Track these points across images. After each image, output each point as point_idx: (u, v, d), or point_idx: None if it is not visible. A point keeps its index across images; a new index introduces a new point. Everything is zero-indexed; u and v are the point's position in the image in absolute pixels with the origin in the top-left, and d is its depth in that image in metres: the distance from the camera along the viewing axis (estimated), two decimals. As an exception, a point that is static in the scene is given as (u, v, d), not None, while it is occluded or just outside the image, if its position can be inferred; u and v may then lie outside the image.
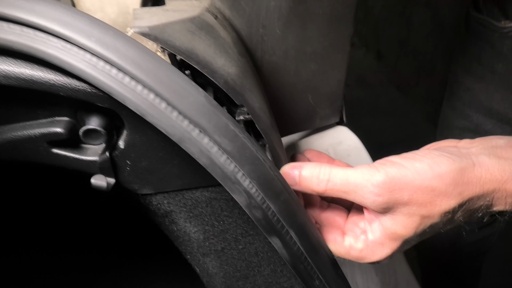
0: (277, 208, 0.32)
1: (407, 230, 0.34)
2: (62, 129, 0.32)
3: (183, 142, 0.27)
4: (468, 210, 0.34)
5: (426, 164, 0.33)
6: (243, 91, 0.36)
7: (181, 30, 0.32)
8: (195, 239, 0.41)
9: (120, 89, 0.26)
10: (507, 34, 0.65)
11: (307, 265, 0.37)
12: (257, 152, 0.29)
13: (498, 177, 0.33)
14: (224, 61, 0.35)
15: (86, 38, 0.25)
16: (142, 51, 0.26)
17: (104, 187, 0.34)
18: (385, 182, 0.32)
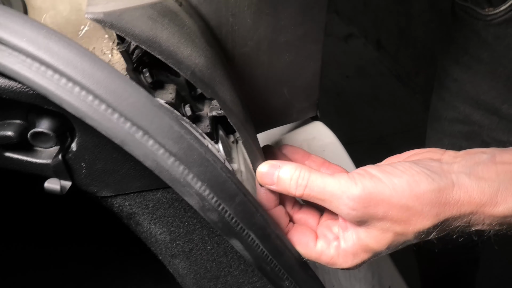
0: (233, 210, 0.31)
1: (380, 245, 0.34)
2: (13, 132, 0.31)
3: (126, 144, 0.26)
4: (443, 230, 0.34)
5: (405, 181, 0.32)
6: (213, 83, 0.34)
7: (141, 16, 0.30)
8: (162, 241, 0.40)
9: (57, 91, 0.25)
10: (491, 21, 0.63)
11: (274, 266, 0.36)
12: (206, 153, 0.28)
13: (477, 200, 0.32)
14: (190, 51, 0.33)
15: (18, 38, 0.24)
16: (79, 51, 0.25)
17: (57, 190, 0.33)
18: (361, 197, 0.32)
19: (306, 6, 0.43)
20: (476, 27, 0.65)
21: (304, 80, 0.49)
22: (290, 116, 0.52)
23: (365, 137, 2.08)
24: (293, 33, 0.44)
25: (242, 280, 0.44)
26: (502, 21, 0.61)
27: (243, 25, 0.41)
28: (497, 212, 0.32)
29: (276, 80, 0.48)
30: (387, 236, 0.33)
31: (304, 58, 0.47)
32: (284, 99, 0.50)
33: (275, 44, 0.45)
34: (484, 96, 0.70)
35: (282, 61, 0.46)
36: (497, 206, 0.31)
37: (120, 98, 0.25)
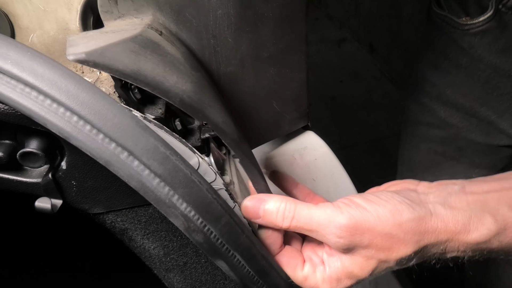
0: (219, 231, 0.31)
1: (363, 272, 0.35)
2: (2, 152, 0.31)
3: (111, 165, 0.26)
4: (422, 257, 0.35)
5: (388, 210, 0.34)
6: (203, 107, 0.34)
7: (123, 51, 0.30)
8: (156, 255, 0.40)
9: (41, 112, 0.25)
10: (468, 31, 0.64)
11: (261, 286, 0.36)
12: (191, 174, 0.28)
13: (452, 228, 0.34)
14: (176, 78, 0.33)
15: (2, 60, 0.24)
16: (63, 72, 0.25)
17: (48, 209, 0.33)
18: (348, 225, 0.33)
19: (285, 20, 0.43)
20: (454, 35, 0.66)
21: (291, 91, 0.49)
22: (283, 128, 0.51)
23: (361, 140, 2.09)
24: (275, 47, 0.44)
25: (237, 292, 0.44)
26: (478, 31, 0.63)
27: (225, 45, 0.41)
28: (470, 239, 0.34)
29: (264, 95, 0.48)
30: (371, 263, 0.35)
31: (289, 69, 0.47)
32: (274, 112, 0.50)
33: (259, 60, 0.45)
34: (463, 99, 0.71)
35: (268, 75, 0.46)
36: (470, 233, 0.34)
37: (105, 119, 0.26)
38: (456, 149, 0.77)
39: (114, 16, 0.32)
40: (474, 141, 0.74)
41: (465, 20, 0.63)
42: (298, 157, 0.49)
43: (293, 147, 0.50)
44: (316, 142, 0.50)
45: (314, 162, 0.50)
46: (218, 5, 0.38)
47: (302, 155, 0.49)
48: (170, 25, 0.36)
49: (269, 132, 0.51)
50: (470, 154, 0.77)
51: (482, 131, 0.72)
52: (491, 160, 0.77)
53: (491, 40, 0.63)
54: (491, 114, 0.69)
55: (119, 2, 0.33)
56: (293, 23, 0.43)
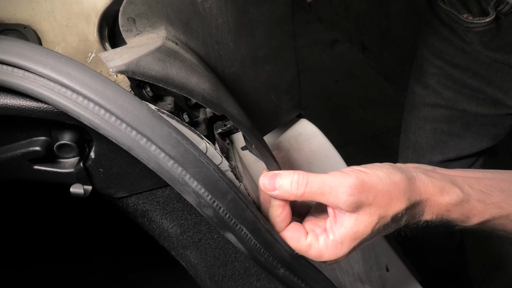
0: (226, 206, 0.35)
1: (367, 229, 0.40)
2: (40, 147, 0.37)
3: (132, 150, 0.31)
4: (410, 215, 0.41)
5: (384, 173, 0.40)
6: (220, 102, 0.39)
7: (153, 60, 0.35)
8: (174, 234, 0.46)
9: (75, 107, 0.30)
10: (472, 28, 0.70)
11: (268, 257, 0.40)
12: (200, 156, 0.34)
13: (431, 190, 0.40)
14: (197, 79, 0.38)
15: (42, 67, 0.30)
16: (92, 74, 0.31)
17: (82, 194, 0.38)
18: (356, 184, 0.38)
19: (275, 22, 0.49)
20: (458, 29, 0.73)
21: (286, 83, 0.55)
22: (281, 118, 0.57)
23: (359, 137, 2.13)
24: (269, 46, 0.50)
25: (248, 264, 0.49)
26: (479, 31, 0.70)
27: (227, 49, 0.47)
28: (443, 200, 0.40)
29: (263, 89, 0.53)
30: (374, 220, 0.40)
31: (282, 65, 0.53)
32: (273, 104, 0.55)
33: (256, 59, 0.50)
34: (470, 80, 0.76)
35: (265, 71, 0.52)
36: (443, 196, 0.40)
37: (127, 111, 0.31)
38: (462, 126, 0.83)
39: (133, 34, 0.38)
40: (482, 113, 0.80)
41: (467, 16, 0.70)
42: (294, 143, 0.54)
43: (289, 134, 0.55)
44: (309, 128, 0.55)
45: (309, 146, 0.55)
46: (219, 14, 0.44)
47: (298, 140, 0.54)
48: (180, 36, 0.42)
49: (270, 123, 0.56)
50: (476, 128, 0.82)
51: (489, 104, 0.78)
52: (496, 131, 0.83)
53: (489, 39, 0.70)
54: (497, 92, 0.75)
55: (137, 21, 0.38)
56: (282, 24, 0.49)
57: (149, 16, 0.39)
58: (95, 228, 0.74)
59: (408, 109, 0.90)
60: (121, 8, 0.37)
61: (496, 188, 0.42)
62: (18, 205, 0.65)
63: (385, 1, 2.19)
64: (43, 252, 0.73)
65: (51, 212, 0.69)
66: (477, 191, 0.41)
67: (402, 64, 2.21)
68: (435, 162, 0.89)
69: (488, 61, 0.73)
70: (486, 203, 0.41)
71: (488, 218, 0.42)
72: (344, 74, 2.54)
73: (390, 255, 0.66)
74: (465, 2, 0.70)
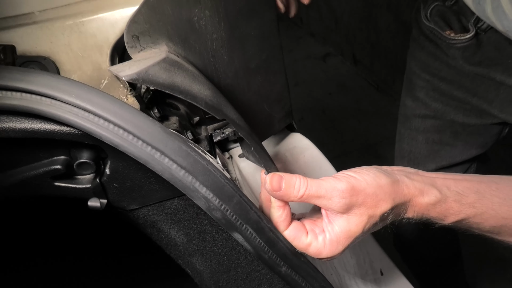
0: (232, 208, 0.40)
1: (358, 228, 0.45)
2: (60, 165, 0.41)
3: (149, 163, 0.36)
4: (395, 214, 0.46)
5: (371, 177, 0.45)
6: (221, 107, 0.44)
7: (160, 70, 0.40)
8: (181, 243, 0.50)
9: (97, 129, 0.35)
10: (454, 44, 0.75)
11: (271, 255, 0.45)
12: (207, 165, 0.38)
13: (412, 192, 0.45)
14: (199, 87, 0.43)
15: (68, 95, 0.35)
16: (111, 99, 0.36)
17: (98, 207, 0.42)
18: (347, 188, 0.43)
19: (263, 35, 0.54)
20: (441, 45, 0.78)
21: (276, 93, 0.59)
22: (274, 127, 0.61)
23: (354, 148, 2.18)
24: (259, 58, 0.55)
25: (249, 269, 0.53)
26: (461, 47, 0.75)
27: (222, 62, 0.51)
28: (423, 201, 0.45)
29: (256, 99, 0.58)
30: (363, 219, 0.44)
31: (272, 75, 0.57)
32: (266, 113, 0.59)
33: (248, 71, 0.55)
34: (456, 92, 0.81)
35: (257, 82, 0.56)
36: (423, 197, 0.45)
37: (142, 130, 0.36)
38: (451, 135, 0.88)
39: (137, 50, 0.43)
40: (468, 123, 0.85)
41: (449, 33, 0.75)
42: (289, 156, 0.59)
43: (284, 147, 0.60)
44: (303, 141, 0.60)
45: (303, 159, 0.59)
46: (213, 30, 0.49)
47: (292, 153, 0.59)
48: (180, 51, 0.47)
49: (265, 132, 0.61)
50: (464, 137, 0.87)
51: (476, 115, 0.83)
52: (484, 139, 0.88)
53: (470, 54, 0.75)
54: (482, 103, 0.79)
55: (140, 39, 0.43)
56: (270, 38, 0.54)
57: (151, 33, 0.44)
58: (106, 237, 0.77)
59: (401, 121, 0.95)
60: (126, 27, 0.42)
61: (472, 189, 0.47)
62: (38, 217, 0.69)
63: (373, 15, 2.27)
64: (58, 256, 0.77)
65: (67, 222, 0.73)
66: (454, 192, 0.46)
67: (393, 75, 2.27)
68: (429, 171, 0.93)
69: (472, 74, 0.78)
70: (461, 203, 0.46)
71: (464, 217, 0.46)
72: (337, 86, 2.60)
73: (384, 260, 0.70)
74: (447, 19, 0.76)
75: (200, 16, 0.47)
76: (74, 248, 0.79)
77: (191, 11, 0.46)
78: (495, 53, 0.72)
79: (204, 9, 0.46)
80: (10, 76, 0.35)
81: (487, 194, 0.47)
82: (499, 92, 0.76)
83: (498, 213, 0.47)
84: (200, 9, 0.46)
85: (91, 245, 0.79)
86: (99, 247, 0.80)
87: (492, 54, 0.73)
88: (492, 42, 0.71)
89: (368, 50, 2.44)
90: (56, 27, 0.44)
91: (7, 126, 0.36)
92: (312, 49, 2.93)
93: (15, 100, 0.35)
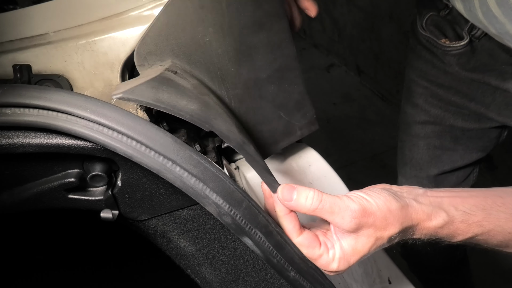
0: (242, 213, 0.41)
1: (364, 248, 0.46)
2: (74, 178, 0.43)
3: (161, 172, 0.37)
4: (402, 235, 0.47)
5: (382, 201, 0.46)
6: (208, 120, 0.45)
7: (147, 88, 0.42)
8: (190, 252, 0.51)
9: (111, 141, 0.37)
10: (449, 52, 0.78)
11: (280, 259, 0.46)
12: (217, 172, 0.40)
13: (421, 216, 0.47)
14: (186, 102, 0.44)
15: (83, 110, 0.36)
16: (123, 113, 0.37)
17: (110, 218, 0.44)
18: (359, 210, 0.45)
19: (273, 46, 0.55)
20: (437, 53, 0.81)
21: (294, 101, 0.59)
22: (295, 134, 0.61)
23: (359, 158, 2.19)
24: (271, 68, 0.55)
25: (258, 278, 0.54)
26: (456, 53, 0.78)
27: (229, 74, 0.53)
28: (431, 225, 0.47)
29: (271, 108, 0.58)
30: (371, 240, 0.46)
31: (287, 84, 0.57)
32: (285, 121, 0.60)
33: (259, 80, 0.55)
34: (454, 97, 0.83)
35: (270, 91, 0.57)
36: (431, 221, 0.46)
37: (154, 141, 0.37)
38: (451, 139, 0.89)
39: (146, 67, 0.45)
40: (468, 128, 0.86)
41: (444, 41, 0.78)
42: (295, 165, 0.60)
43: (290, 157, 0.61)
44: (308, 151, 0.61)
45: (309, 168, 0.61)
46: (218, 46, 0.51)
47: (299, 164, 0.60)
48: (185, 66, 0.49)
49: (285, 138, 0.60)
50: (464, 141, 0.89)
51: (474, 119, 0.85)
52: (483, 143, 0.89)
53: (465, 61, 0.77)
54: (480, 107, 0.81)
55: (148, 58, 0.46)
56: (282, 47, 0.54)
57: (158, 52, 0.47)
58: (117, 247, 0.79)
59: (402, 128, 0.96)
60: (136, 48, 0.45)
61: (479, 207, 0.48)
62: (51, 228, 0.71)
63: (376, 26, 2.30)
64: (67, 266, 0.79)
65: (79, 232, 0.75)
66: (461, 212, 0.47)
67: (397, 84, 2.29)
68: (432, 176, 0.94)
69: (468, 80, 0.80)
70: (469, 223, 0.47)
71: (471, 235, 0.48)
72: (341, 96, 2.62)
73: (392, 268, 0.70)
74: (442, 28, 0.78)
75: (204, 34, 0.49)
76: (83, 257, 0.80)
77: (195, 29, 0.48)
78: (489, 59, 0.74)
79: (207, 26, 0.49)
80: (27, 94, 0.37)
81: (494, 210, 0.48)
82: (495, 96, 0.78)
83: (504, 229, 0.48)
84: (204, 27, 0.48)
85: (99, 254, 0.81)
86: (107, 256, 0.82)
87: (486, 60, 0.75)
88: (486, 49, 0.74)
89: (372, 60, 2.46)
90: (69, 46, 0.46)
91: (24, 142, 0.38)
92: (316, 60, 2.96)
93: (33, 117, 0.37)
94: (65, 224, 0.70)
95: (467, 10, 0.60)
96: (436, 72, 0.84)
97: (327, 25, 2.83)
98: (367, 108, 2.49)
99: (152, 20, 0.46)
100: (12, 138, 0.38)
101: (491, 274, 1.48)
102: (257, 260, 0.52)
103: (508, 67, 0.73)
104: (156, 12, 0.47)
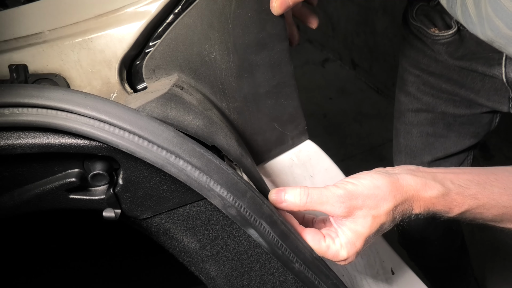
0: (246, 204, 0.41)
1: (365, 229, 0.47)
2: (75, 178, 0.43)
3: (165, 167, 0.37)
4: (401, 211, 0.48)
5: (368, 180, 0.47)
6: (211, 135, 0.47)
7: (156, 105, 0.44)
8: (194, 249, 0.50)
9: (114, 138, 0.36)
10: (438, 40, 0.80)
11: (284, 250, 0.46)
12: (220, 164, 0.40)
13: (414, 187, 0.47)
14: (192, 117, 0.46)
15: (83, 108, 0.36)
16: (123, 108, 0.37)
17: (113, 217, 0.43)
18: (345, 194, 0.46)
19: (273, 64, 0.57)
20: (427, 42, 0.83)
21: (288, 114, 0.62)
22: (287, 143, 0.65)
23: (357, 151, 2.19)
24: (269, 84, 0.58)
25: (262, 273, 0.54)
26: (444, 42, 0.80)
27: (230, 88, 0.55)
28: (426, 195, 0.47)
29: (266, 120, 0.61)
30: (368, 220, 0.47)
31: (284, 99, 0.60)
32: (278, 132, 0.63)
33: (258, 95, 0.58)
34: (445, 85, 0.86)
35: (267, 105, 0.60)
36: (427, 191, 0.47)
37: (156, 135, 0.37)
38: (444, 126, 0.91)
39: (153, 80, 0.48)
40: (459, 114, 0.88)
41: (434, 31, 0.81)
42: (295, 159, 0.60)
43: (291, 152, 0.61)
44: (308, 145, 0.61)
45: (309, 161, 0.61)
46: (222, 62, 0.53)
47: (299, 157, 0.60)
48: (190, 80, 0.51)
49: (278, 147, 0.64)
50: (457, 128, 0.90)
51: (465, 105, 0.87)
52: (475, 129, 0.91)
53: (453, 49, 0.80)
54: (470, 93, 0.84)
55: (156, 71, 0.48)
56: (281, 66, 0.57)
57: (165, 66, 0.49)
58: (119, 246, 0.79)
59: (396, 116, 0.98)
60: (144, 62, 0.48)
61: (473, 182, 0.49)
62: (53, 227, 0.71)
63: (370, 19, 2.29)
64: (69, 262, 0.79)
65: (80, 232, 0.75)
66: (456, 185, 0.48)
67: (392, 77, 2.29)
68: (425, 163, 0.96)
69: (457, 68, 0.82)
70: (464, 195, 0.48)
71: (467, 208, 0.48)
72: (337, 91, 2.62)
73: (394, 259, 0.71)
74: (432, 18, 0.81)
75: (210, 51, 0.51)
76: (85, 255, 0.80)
77: (202, 46, 0.51)
78: (477, 47, 0.77)
79: (213, 44, 0.51)
80: (25, 93, 0.37)
81: (487, 185, 0.49)
82: (484, 83, 0.80)
83: (499, 202, 0.48)
84: (210, 44, 0.51)
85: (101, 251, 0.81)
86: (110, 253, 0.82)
87: (474, 48, 0.77)
88: (474, 37, 0.75)
89: (367, 54, 2.46)
90: (65, 45, 0.45)
91: (23, 142, 0.38)
92: (311, 55, 2.96)
93: (32, 116, 0.36)
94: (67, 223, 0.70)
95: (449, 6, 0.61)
96: (427, 60, 0.85)
97: (321, 19, 2.80)
98: (363, 101, 2.49)
99: (148, 16, 0.46)
100: (11, 139, 0.37)
101: (490, 261, 1.49)
102: (261, 255, 0.51)
103: (495, 54, 0.75)
104: (152, 8, 0.47)
